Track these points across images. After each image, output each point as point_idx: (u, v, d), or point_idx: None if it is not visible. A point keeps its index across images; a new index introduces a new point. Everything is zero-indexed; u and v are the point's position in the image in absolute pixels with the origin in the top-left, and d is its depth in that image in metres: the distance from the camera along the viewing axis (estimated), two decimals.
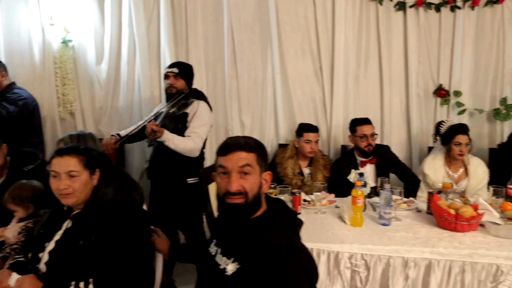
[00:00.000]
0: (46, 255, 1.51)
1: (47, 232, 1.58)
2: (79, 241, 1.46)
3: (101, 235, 1.44)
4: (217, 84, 3.52)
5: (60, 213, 1.61)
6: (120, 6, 3.43)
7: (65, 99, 3.56)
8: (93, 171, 1.57)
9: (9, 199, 1.94)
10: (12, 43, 3.55)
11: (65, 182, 1.50)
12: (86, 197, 1.55)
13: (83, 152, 1.57)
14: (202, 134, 2.57)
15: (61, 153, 1.55)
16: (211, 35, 3.46)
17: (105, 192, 1.54)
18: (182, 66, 2.75)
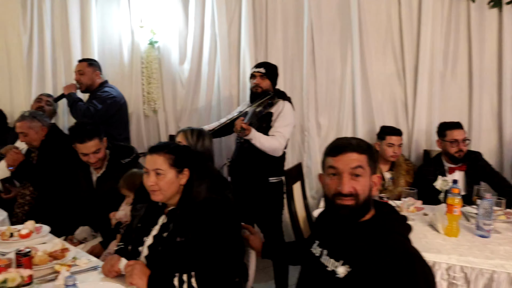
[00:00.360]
0: (145, 250, 1.58)
1: (145, 226, 1.65)
2: (176, 237, 1.51)
3: (198, 233, 1.48)
4: (294, 84, 3.52)
5: (155, 208, 1.68)
6: (203, 8, 3.56)
7: (150, 97, 3.76)
8: (180, 170, 1.60)
9: (124, 185, 2.12)
10: (105, 44, 3.83)
11: (153, 179, 1.56)
12: (173, 194, 1.60)
13: (172, 151, 1.60)
14: (286, 134, 2.59)
15: (152, 150, 1.62)
16: (290, 35, 3.47)
17: (198, 190, 1.57)
18: (269, 66, 2.78)
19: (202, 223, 1.50)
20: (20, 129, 2.79)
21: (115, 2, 3.74)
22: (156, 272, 1.45)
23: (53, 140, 2.84)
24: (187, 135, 2.13)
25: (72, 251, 1.71)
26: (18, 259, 1.42)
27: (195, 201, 1.55)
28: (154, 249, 1.55)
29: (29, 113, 2.88)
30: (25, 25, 4.01)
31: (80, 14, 3.83)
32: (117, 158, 2.40)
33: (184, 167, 1.61)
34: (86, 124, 2.30)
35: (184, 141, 2.09)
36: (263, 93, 2.69)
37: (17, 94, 4.22)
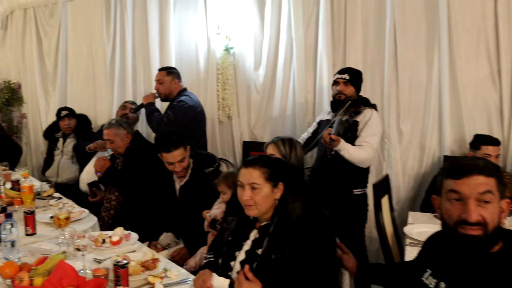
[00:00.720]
0: (237, 265, 1.54)
1: (236, 240, 1.62)
2: (271, 255, 1.46)
3: (295, 252, 1.42)
4: (374, 89, 3.33)
5: (246, 222, 1.64)
6: (280, 13, 3.50)
7: (224, 103, 3.78)
8: (275, 184, 1.55)
9: (224, 181, 2.11)
10: (182, 51, 3.92)
11: (248, 193, 1.53)
12: (267, 209, 1.55)
13: (267, 164, 1.56)
14: (374, 144, 2.47)
15: (247, 164, 1.59)
16: (371, 38, 3.30)
17: (293, 206, 1.51)
18: (353, 72, 2.67)
19: (299, 241, 1.43)
20: (107, 136, 2.91)
21: (192, 10, 3.80)
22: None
23: (137, 148, 2.93)
24: (279, 146, 2.06)
25: (162, 262, 1.72)
26: (116, 270, 1.44)
27: (291, 218, 1.49)
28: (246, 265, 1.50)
29: (115, 121, 3.01)
30: (108, 35, 4.23)
31: (159, 23, 3.96)
32: (200, 167, 2.40)
33: (279, 181, 1.56)
34: (172, 134, 2.32)
35: (277, 153, 2.03)
36: (346, 100, 2.57)
37: (100, 101, 4.46)
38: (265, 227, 1.56)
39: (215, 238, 1.85)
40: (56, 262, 1.49)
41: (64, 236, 1.88)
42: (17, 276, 1.44)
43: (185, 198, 2.39)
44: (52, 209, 2.46)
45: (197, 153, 2.52)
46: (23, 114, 5.08)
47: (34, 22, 4.74)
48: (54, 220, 1.94)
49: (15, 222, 1.72)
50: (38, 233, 2.09)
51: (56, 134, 4.19)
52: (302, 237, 1.44)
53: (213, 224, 2.10)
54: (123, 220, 2.73)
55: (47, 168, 4.17)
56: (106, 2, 4.23)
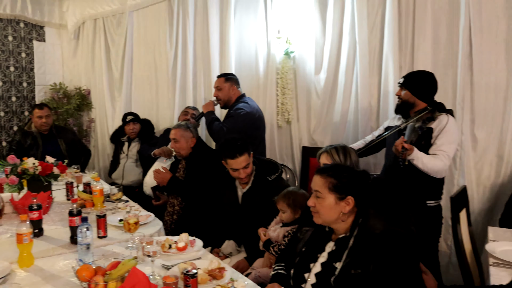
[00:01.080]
0: (312, 277, 1.50)
1: (310, 251, 1.58)
2: (351, 269, 1.39)
3: (379, 268, 1.34)
4: (446, 92, 3.11)
5: (322, 234, 1.59)
6: (342, 15, 3.39)
7: (284, 108, 3.73)
8: (342, 197, 1.50)
9: (284, 199, 2.08)
10: (241, 56, 3.93)
11: (312, 200, 1.55)
12: (334, 221, 1.51)
13: (334, 175, 1.53)
14: (450, 153, 2.29)
15: (317, 171, 1.58)
16: (442, 38, 3.09)
17: (375, 220, 1.43)
18: (409, 75, 2.55)
19: (384, 257, 1.36)
20: (174, 135, 3.00)
21: (252, 15, 3.81)
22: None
23: (200, 153, 2.97)
24: (333, 155, 2.03)
25: (228, 271, 1.70)
26: (186, 279, 1.43)
27: (373, 232, 1.42)
28: (322, 278, 1.47)
29: (184, 123, 3.11)
30: (171, 42, 4.35)
31: (220, 29, 4.00)
32: (262, 174, 2.37)
33: (347, 195, 1.50)
34: (236, 140, 2.32)
35: (330, 162, 2.00)
36: (403, 104, 2.48)
37: (162, 106, 4.60)
38: (343, 239, 1.50)
39: (285, 249, 1.81)
40: (129, 267, 1.51)
41: (134, 241, 1.92)
42: (93, 280, 1.48)
43: (247, 206, 2.37)
44: (121, 212, 2.55)
45: (260, 159, 2.50)
46: (92, 119, 5.37)
47: (103, 31, 5.00)
48: (124, 224, 1.99)
49: (90, 226, 1.78)
50: (108, 236, 2.16)
51: (122, 138, 4.38)
52: (388, 253, 1.37)
53: (267, 245, 2.07)
54: (185, 225, 2.78)
55: (113, 170, 4.36)
56: (169, 10, 4.35)
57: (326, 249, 1.54)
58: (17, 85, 5.01)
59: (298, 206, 2.06)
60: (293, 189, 2.15)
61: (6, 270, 1.68)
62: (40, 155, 3.92)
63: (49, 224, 2.36)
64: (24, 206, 2.49)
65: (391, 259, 1.35)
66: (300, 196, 2.09)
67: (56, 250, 1.98)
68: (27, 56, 5.07)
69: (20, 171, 2.76)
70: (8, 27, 4.86)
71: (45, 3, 5.14)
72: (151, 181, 3.53)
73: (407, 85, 2.50)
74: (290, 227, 2.06)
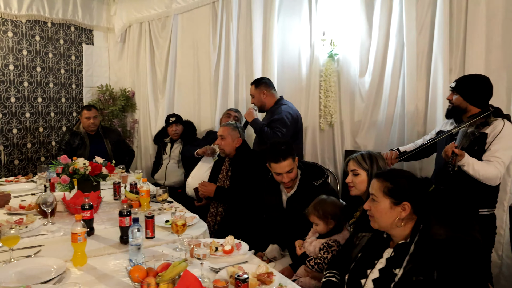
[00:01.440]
0: (370, 283, 1.48)
1: (367, 257, 1.56)
2: (412, 276, 1.35)
3: (445, 276, 1.30)
4: (499, 96, 2.94)
5: (379, 240, 1.57)
6: (389, 16, 3.30)
7: (326, 110, 3.68)
8: (397, 202, 1.48)
9: (314, 212, 2.05)
10: (284, 58, 3.92)
11: (368, 203, 1.55)
12: (391, 226, 1.48)
13: (389, 179, 1.52)
14: (505, 159, 2.17)
15: (376, 175, 1.59)
16: (497, 39, 2.93)
17: (438, 227, 1.38)
18: (461, 79, 2.43)
19: (448, 264, 1.32)
20: (221, 132, 3.09)
21: (297, 17, 3.78)
22: None
23: (244, 155, 2.99)
24: (359, 161, 2.01)
25: (276, 276, 1.68)
26: (238, 284, 1.43)
27: (436, 239, 1.37)
28: (380, 284, 1.44)
29: (234, 123, 3.18)
30: (214, 44, 4.41)
31: (263, 32, 4.01)
32: (308, 178, 2.35)
33: (403, 200, 1.47)
34: (281, 144, 2.30)
35: (359, 168, 1.99)
36: (454, 109, 2.39)
37: (204, 108, 4.66)
38: (403, 245, 1.47)
39: (337, 255, 1.78)
40: (180, 270, 1.53)
41: (182, 242, 1.95)
42: (145, 281, 1.51)
43: (292, 210, 2.35)
44: (166, 213, 2.60)
45: (305, 163, 2.47)
46: (136, 120, 5.52)
47: (149, 34, 5.14)
48: (172, 226, 2.02)
49: (141, 226, 1.82)
50: (156, 237, 2.20)
51: (165, 139, 4.47)
52: (453, 260, 1.32)
53: (303, 258, 2.04)
54: (229, 227, 2.80)
55: (155, 171, 4.46)
56: (213, 13, 4.41)
57: (384, 255, 1.51)
58: (66, 87, 5.24)
59: (329, 217, 2.03)
60: (322, 199, 2.11)
61: (62, 269, 1.75)
62: (88, 154, 4.07)
63: (99, 224, 2.43)
64: (76, 205, 2.59)
65: (456, 267, 1.30)
66: (329, 205, 2.06)
67: (107, 250, 2.03)
68: (77, 59, 5.29)
69: (71, 171, 2.87)
70: (60, 31, 5.09)
71: (94, 7, 5.35)
72: (193, 182, 3.58)
73: (459, 90, 2.39)
74: (325, 239, 2.03)
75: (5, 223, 2.32)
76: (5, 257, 1.88)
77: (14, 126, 4.81)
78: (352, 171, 2.00)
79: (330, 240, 1.99)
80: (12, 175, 4.71)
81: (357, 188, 1.98)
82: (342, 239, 2.00)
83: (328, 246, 1.97)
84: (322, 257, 1.95)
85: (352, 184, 2.00)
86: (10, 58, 4.68)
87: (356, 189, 1.99)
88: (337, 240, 1.99)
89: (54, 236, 2.24)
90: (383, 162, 2.05)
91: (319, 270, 1.94)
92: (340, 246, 1.97)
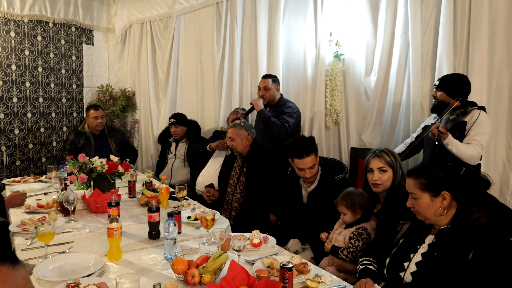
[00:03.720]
0: (413, 266, 1.57)
1: (410, 243, 1.65)
2: (453, 256, 1.44)
3: (482, 255, 1.39)
4: (501, 94, 3.10)
5: (421, 227, 1.66)
6: (395, 17, 3.41)
7: (332, 109, 3.77)
8: (436, 194, 1.56)
9: (343, 202, 2.12)
10: (290, 58, 3.99)
11: (410, 201, 1.63)
12: (436, 217, 1.58)
13: (423, 174, 1.60)
14: (482, 142, 2.50)
15: (408, 173, 1.67)
16: (499, 40, 3.07)
17: (478, 214, 1.47)
18: (444, 78, 2.79)
19: (486, 246, 1.40)
20: (230, 134, 3.15)
21: (302, 18, 3.87)
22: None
23: (259, 153, 3.05)
24: (384, 157, 2.11)
25: (311, 266, 1.76)
26: (283, 272, 1.50)
27: (476, 225, 1.46)
28: (423, 266, 1.54)
29: (240, 122, 3.23)
30: (218, 44, 4.46)
31: (268, 32, 4.08)
32: (328, 173, 2.42)
33: (441, 190, 1.55)
34: (304, 140, 2.38)
35: (385, 164, 2.09)
36: (439, 104, 2.72)
37: (208, 107, 4.71)
38: (444, 231, 1.56)
39: (374, 243, 1.86)
40: (222, 261, 1.59)
41: (213, 236, 2.01)
42: (189, 271, 1.56)
43: (313, 205, 2.42)
44: (185, 209, 2.65)
45: (326, 159, 2.55)
46: (136, 120, 5.53)
47: (150, 34, 5.16)
48: (202, 220, 2.07)
49: (175, 221, 1.87)
50: (182, 232, 2.25)
51: (169, 138, 4.49)
52: (492, 243, 1.40)
53: (335, 251, 2.10)
54: (244, 223, 2.85)
55: (160, 170, 4.49)
56: (217, 14, 4.46)
57: (426, 241, 1.60)
58: (67, 87, 5.21)
59: (357, 207, 2.11)
60: (350, 190, 2.19)
61: (100, 263, 1.79)
62: (93, 154, 4.08)
63: (122, 221, 2.46)
64: (96, 203, 2.62)
65: (493, 249, 1.38)
66: (357, 196, 2.13)
67: (138, 245, 2.08)
68: (77, 59, 5.27)
69: (88, 170, 2.89)
70: (61, 31, 5.07)
71: (95, 7, 5.34)
72: (203, 181, 3.63)
73: (442, 87, 2.73)
74: (354, 228, 2.10)
75: (29, 221, 2.34)
76: (40, 253, 1.91)
77: (16, 126, 4.77)
78: (379, 168, 2.07)
79: (359, 228, 2.07)
80: (14, 175, 4.68)
81: (384, 185, 2.07)
82: (370, 227, 2.08)
83: (358, 234, 2.05)
84: (354, 246, 2.03)
85: (380, 181, 2.07)
86: (12, 58, 4.64)
87: (383, 185, 2.07)
88: (365, 228, 2.07)
89: (80, 233, 2.27)
90: (400, 158, 2.15)
91: (353, 258, 2.01)
92: (369, 234, 2.05)
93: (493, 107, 3.03)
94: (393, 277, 1.61)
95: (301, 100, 3.96)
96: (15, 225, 2.30)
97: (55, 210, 2.59)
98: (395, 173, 2.05)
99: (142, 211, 2.70)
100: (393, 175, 2.05)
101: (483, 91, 3.10)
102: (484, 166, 3.07)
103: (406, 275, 1.57)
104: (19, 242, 2.08)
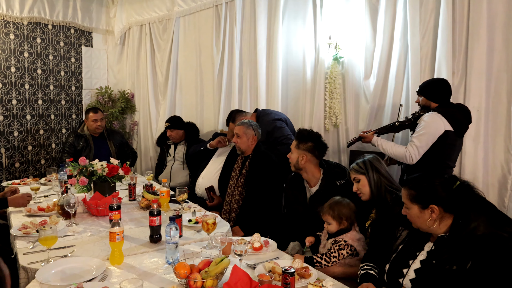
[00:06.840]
0: (411, 272, 1.58)
1: (409, 249, 1.66)
2: (452, 266, 1.45)
3: (480, 265, 1.40)
4: (500, 98, 3.12)
5: (420, 233, 1.67)
6: (393, 21, 3.43)
7: (331, 112, 3.79)
8: (424, 206, 1.58)
9: (330, 211, 2.14)
10: (289, 61, 4.01)
11: (404, 210, 1.65)
12: (427, 227, 1.58)
13: (413, 186, 1.63)
14: (417, 142, 2.60)
15: (402, 184, 1.69)
16: (498, 43, 3.09)
17: (477, 223, 1.47)
18: (424, 83, 2.91)
19: (484, 256, 1.41)
20: (237, 130, 3.16)
21: (301, 21, 3.88)
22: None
23: (259, 155, 3.06)
24: (356, 169, 2.18)
25: (312, 270, 1.77)
26: (286, 277, 1.51)
27: (474, 234, 1.46)
28: (421, 274, 1.55)
29: (248, 121, 3.24)
30: (218, 47, 4.47)
31: (267, 35, 4.09)
32: (330, 177, 2.44)
33: (429, 203, 1.57)
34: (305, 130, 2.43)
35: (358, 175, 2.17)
36: (422, 109, 2.86)
37: (207, 109, 4.71)
38: (443, 239, 1.56)
39: (375, 248, 1.87)
40: (224, 266, 1.60)
41: (214, 240, 2.01)
42: (192, 276, 1.57)
43: (314, 207, 2.43)
44: (186, 213, 2.65)
45: (328, 163, 2.56)
46: (135, 122, 5.53)
47: (149, 37, 5.16)
48: (203, 224, 2.08)
49: (177, 225, 1.88)
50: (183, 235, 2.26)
51: (168, 141, 4.50)
52: (490, 253, 1.40)
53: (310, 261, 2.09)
54: (245, 225, 2.86)
55: (159, 172, 4.49)
56: (216, 17, 4.47)
57: (425, 248, 1.61)
58: (66, 89, 5.21)
59: (344, 218, 2.11)
60: (338, 200, 2.19)
61: (102, 267, 1.79)
62: (92, 157, 4.08)
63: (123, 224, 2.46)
64: (97, 206, 2.63)
65: (491, 259, 1.38)
66: (345, 207, 2.13)
67: (139, 249, 2.08)
68: (76, 61, 5.27)
69: (88, 173, 2.89)
70: (60, 33, 5.07)
71: (94, 10, 5.34)
72: (204, 182, 3.64)
73: (422, 92, 2.87)
74: (333, 239, 2.11)
75: (30, 224, 2.34)
76: (42, 257, 1.91)
77: (15, 128, 4.77)
78: (354, 179, 2.16)
79: (339, 240, 2.09)
80: (13, 177, 4.68)
81: (364, 193, 2.13)
82: (349, 238, 2.09)
83: (336, 243, 2.08)
84: (329, 252, 2.06)
85: (359, 190, 2.14)
86: (11, 60, 4.64)
87: (363, 194, 2.13)
88: (345, 240, 2.09)
89: (82, 236, 2.27)
90: (378, 162, 2.17)
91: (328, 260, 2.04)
92: (348, 244, 2.07)
93: (492, 110, 3.05)
94: (392, 283, 1.63)
95: (301, 102, 3.98)
96: (16, 228, 2.30)
97: (56, 213, 2.60)
98: (368, 177, 2.10)
99: (142, 214, 2.71)
100: (368, 180, 2.09)
101: (482, 94, 3.12)
102: (482, 169, 3.10)
103: (405, 281, 1.59)
104: (20, 246, 2.08)
